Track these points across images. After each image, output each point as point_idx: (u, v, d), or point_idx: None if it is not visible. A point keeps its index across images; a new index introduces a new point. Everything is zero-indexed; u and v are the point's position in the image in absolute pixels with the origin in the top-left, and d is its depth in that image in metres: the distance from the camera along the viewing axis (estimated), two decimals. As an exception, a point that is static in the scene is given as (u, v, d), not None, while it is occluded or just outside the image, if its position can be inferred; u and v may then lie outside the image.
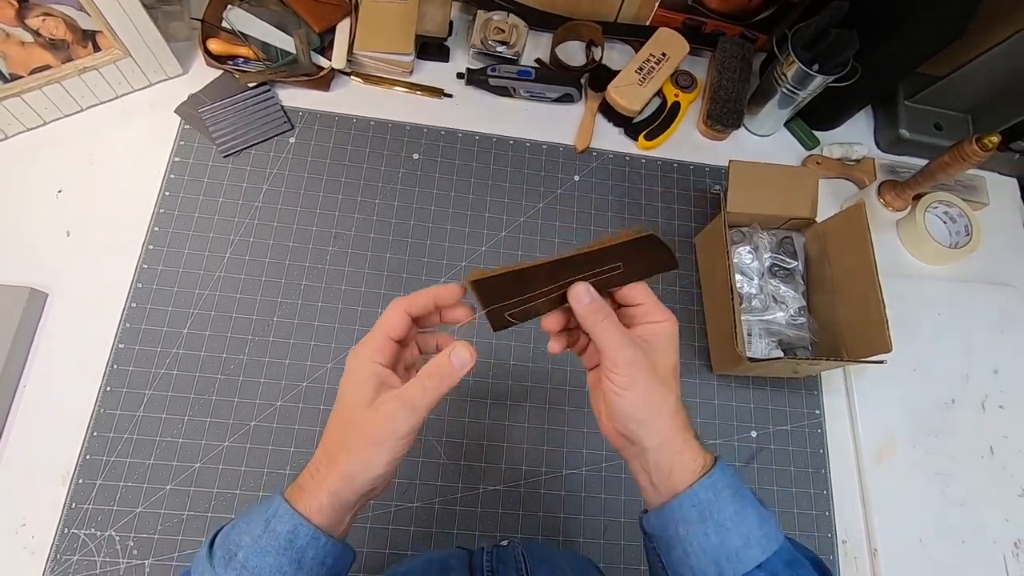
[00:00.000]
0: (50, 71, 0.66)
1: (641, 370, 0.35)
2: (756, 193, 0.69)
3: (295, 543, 0.32)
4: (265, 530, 0.32)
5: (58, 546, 0.56)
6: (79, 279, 0.64)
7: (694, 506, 0.34)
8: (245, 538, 0.32)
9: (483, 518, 0.62)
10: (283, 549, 0.31)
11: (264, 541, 0.32)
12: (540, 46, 0.84)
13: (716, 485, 0.34)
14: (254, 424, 0.62)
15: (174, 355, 0.63)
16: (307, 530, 0.32)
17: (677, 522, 0.34)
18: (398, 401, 0.33)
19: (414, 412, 0.33)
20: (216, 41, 0.73)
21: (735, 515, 0.33)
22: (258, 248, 0.68)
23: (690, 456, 0.35)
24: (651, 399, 0.35)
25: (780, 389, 0.72)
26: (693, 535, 0.33)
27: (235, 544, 0.32)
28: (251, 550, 0.31)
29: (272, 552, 0.31)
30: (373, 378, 0.34)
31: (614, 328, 0.35)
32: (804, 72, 0.71)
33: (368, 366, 0.34)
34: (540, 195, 0.76)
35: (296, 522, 0.32)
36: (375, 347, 0.35)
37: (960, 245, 0.80)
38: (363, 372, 0.34)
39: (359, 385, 0.34)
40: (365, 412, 0.33)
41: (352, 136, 0.75)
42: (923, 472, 0.71)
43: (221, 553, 0.32)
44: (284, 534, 0.32)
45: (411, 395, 0.34)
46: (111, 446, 0.59)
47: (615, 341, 0.35)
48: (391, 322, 0.35)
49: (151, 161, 0.70)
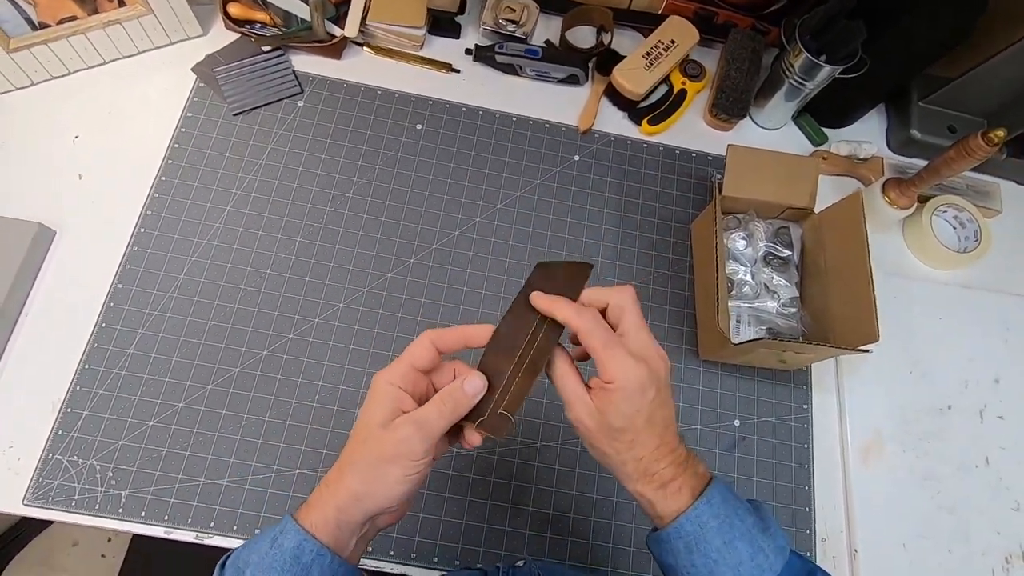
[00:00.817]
0: (77, 22, 0.69)
1: (591, 430, 0.36)
2: (754, 179, 0.69)
3: (300, 559, 0.32)
4: (272, 547, 0.32)
5: (41, 469, 0.58)
6: (86, 220, 0.67)
7: (680, 538, 0.35)
8: (253, 556, 0.32)
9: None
10: (288, 565, 0.32)
11: (270, 558, 0.32)
12: (551, 28, 0.85)
13: (701, 518, 0.34)
14: (238, 370, 0.64)
15: (168, 298, 0.65)
16: (312, 546, 0.32)
17: (667, 552, 0.36)
18: (411, 423, 0.34)
19: (426, 434, 0.34)
20: (236, 5, 0.76)
21: (723, 547, 0.34)
22: (257, 203, 0.70)
23: (648, 507, 0.36)
24: (602, 454, 0.37)
25: (768, 381, 0.71)
26: (682, 565, 0.35)
27: (244, 562, 0.33)
28: (258, 567, 0.32)
29: (277, 568, 0.32)
30: (391, 401, 0.35)
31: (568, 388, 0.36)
32: (811, 62, 0.71)
33: (387, 389, 0.35)
34: (538, 172, 0.77)
35: (301, 538, 0.32)
36: (398, 373, 0.35)
37: (968, 250, 0.78)
38: (381, 395, 0.35)
39: (376, 407, 0.35)
40: (379, 432, 0.34)
41: (358, 103, 0.77)
42: (912, 476, 0.69)
43: (231, 571, 0.33)
44: (290, 550, 0.32)
45: (423, 418, 0.34)
46: (101, 379, 0.61)
47: (568, 400, 0.36)
48: (418, 353, 0.36)
49: (164, 115, 0.73)
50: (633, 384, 0.34)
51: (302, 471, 0.61)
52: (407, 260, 0.70)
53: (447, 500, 0.62)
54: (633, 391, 0.34)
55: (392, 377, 0.35)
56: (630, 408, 0.34)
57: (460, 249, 0.72)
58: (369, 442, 0.34)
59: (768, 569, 0.33)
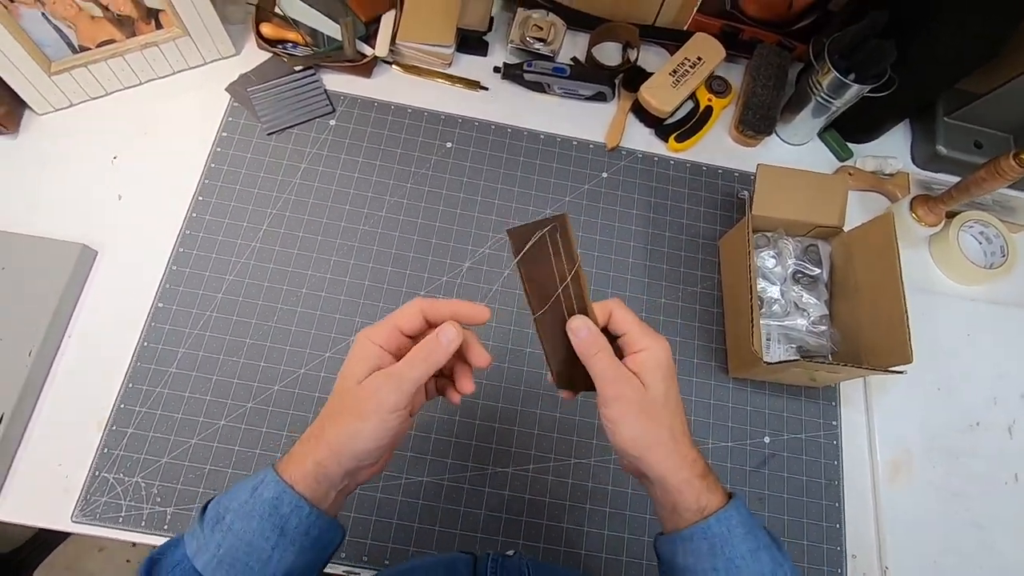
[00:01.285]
0: (115, 45, 0.70)
1: (629, 405, 0.35)
2: (783, 198, 0.69)
3: (279, 510, 0.33)
4: (251, 496, 0.33)
5: (89, 487, 0.59)
6: (127, 240, 0.68)
7: (706, 538, 0.34)
8: (233, 503, 0.33)
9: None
10: (267, 515, 0.32)
11: (250, 506, 0.33)
12: (577, 46, 0.86)
13: (730, 521, 0.34)
14: (277, 389, 0.65)
15: (207, 317, 0.66)
16: (291, 498, 0.33)
17: (687, 552, 0.35)
18: (384, 375, 0.34)
19: (399, 385, 0.34)
20: (268, 25, 0.77)
21: (748, 555, 0.33)
22: (293, 223, 0.72)
23: (691, 496, 0.35)
24: (641, 434, 0.35)
25: (797, 398, 0.71)
26: (702, 568, 0.34)
27: (224, 508, 0.33)
28: (237, 514, 0.33)
29: (256, 517, 0.32)
30: (370, 358, 0.35)
31: (605, 363, 0.35)
32: (840, 81, 0.71)
33: (368, 346, 0.35)
34: (567, 189, 0.78)
35: (280, 489, 0.33)
36: (380, 332, 0.36)
37: (995, 266, 0.78)
38: (362, 352, 0.36)
39: (356, 363, 0.35)
40: (354, 386, 0.35)
41: (389, 122, 0.78)
42: (940, 493, 0.69)
43: (211, 515, 0.33)
44: (269, 500, 0.33)
45: (397, 369, 0.35)
46: (144, 398, 0.63)
47: (604, 375, 0.35)
48: (404, 315, 0.36)
49: (201, 134, 0.74)
50: (665, 350, 0.36)
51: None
52: (440, 279, 0.71)
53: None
54: (665, 355, 0.36)
55: (375, 336, 0.35)
56: (667, 374, 0.36)
57: (491, 267, 0.73)
58: (345, 397, 0.35)
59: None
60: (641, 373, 0.35)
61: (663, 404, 0.35)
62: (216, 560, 0.32)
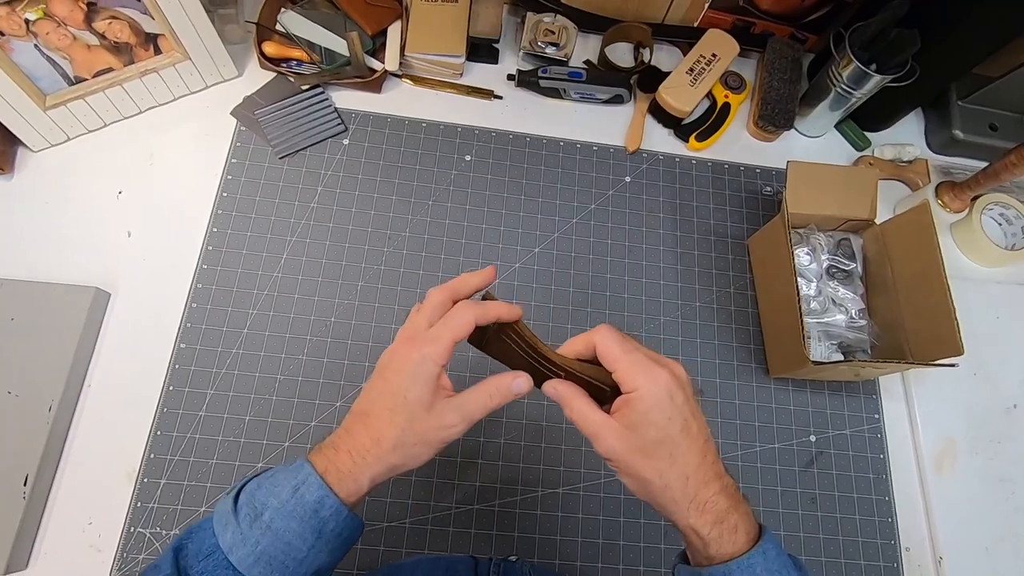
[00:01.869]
0: (113, 74, 0.67)
1: (625, 455, 0.33)
2: (815, 194, 0.69)
3: (319, 513, 0.32)
4: (293, 495, 0.32)
5: (124, 545, 0.56)
6: (141, 279, 0.65)
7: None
8: (272, 500, 0.32)
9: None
10: (307, 517, 0.32)
11: (291, 506, 0.32)
12: (588, 48, 0.84)
13: (755, 569, 0.32)
14: (314, 425, 0.62)
15: (235, 355, 0.63)
16: (332, 502, 0.33)
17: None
18: (458, 414, 0.35)
19: (469, 421, 0.35)
20: (271, 44, 0.74)
21: None
22: (315, 249, 0.69)
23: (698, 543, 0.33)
24: (643, 482, 0.33)
25: (838, 393, 0.71)
26: None
27: (262, 504, 0.32)
28: (277, 512, 0.32)
29: (297, 518, 0.32)
30: (435, 380, 0.35)
31: (588, 420, 0.34)
32: (861, 72, 0.71)
33: (433, 368, 0.35)
34: (592, 196, 0.76)
35: (323, 493, 0.33)
36: (443, 352, 0.35)
37: (1017, 247, 0.78)
38: (427, 372, 0.35)
39: (422, 385, 0.35)
40: (425, 415, 0.35)
41: (404, 137, 0.75)
42: (986, 479, 0.69)
43: (247, 511, 0.32)
44: (311, 503, 0.32)
45: (470, 410, 0.35)
46: (175, 445, 0.60)
47: (586, 431, 0.34)
48: (464, 333, 0.35)
49: (209, 162, 0.70)
50: (661, 387, 0.33)
51: (389, 523, 0.60)
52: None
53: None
54: (661, 395, 0.33)
55: (437, 356, 0.35)
56: (661, 416, 0.33)
57: (523, 282, 0.71)
58: (415, 423, 0.34)
59: None
60: (630, 418, 0.33)
61: (656, 448, 0.33)
62: (253, 557, 0.31)
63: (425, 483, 0.61)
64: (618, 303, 0.71)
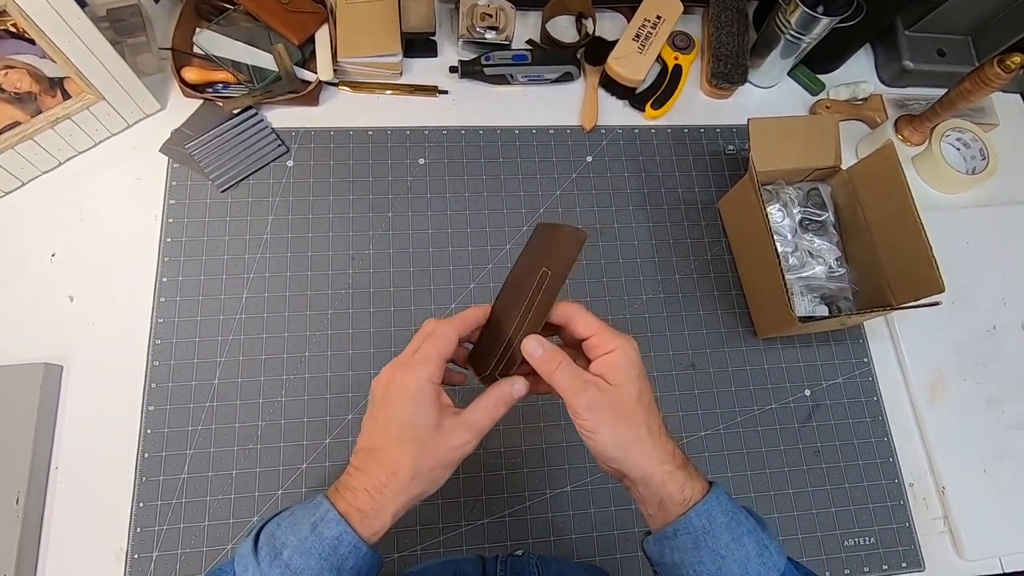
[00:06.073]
0: (20, 127, 0.61)
1: (603, 411, 0.35)
2: (779, 148, 0.67)
3: (338, 550, 0.32)
4: (311, 533, 0.32)
5: (126, 627, 0.53)
6: (93, 345, 0.60)
7: (688, 533, 0.34)
8: (291, 538, 0.33)
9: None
10: (326, 555, 0.32)
11: (309, 543, 0.32)
12: (529, 26, 0.80)
13: (711, 512, 0.34)
14: (305, 467, 0.60)
15: (208, 408, 0.60)
16: (351, 539, 0.33)
17: (673, 549, 0.35)
18: (467, 429, 0.36)
19: (480, 434, 0.36)
20: (191, 69, 0.68)
21: (732, 543, 0.34)
22: (276, 283, 0.65)
23: (675, 488, 0.35)
24: (619, 438, 0.35)
25: (826, 344, 0.71)
26: (689, 563, 0.34)
27: (281, 543, 0.32)
28: (296, 551, 0.32)
29: (315, 555, 0.32)
30: (434, 398, 0.35)
31: (568, 375, 0.36)
32: (809, 16, 0.69)
33: (429, 387, 0.35)
34: (556, 182, 0.73)
35: (342, 529, 0.33)
36: (434, 369, 0.35)
37: (978, 171, 0.79)
38: (427, 393, 0.35)
39: (426, 407, 0.35)
40: (435, 436, 0.35)
41: (352, 150, 0.71)
42: (976, 403, 0.71)
43: (267, 550, 0.32)
44: (330, 540, 0.32)
45: (479, 425, 0.36)
46: (161, 514, 0.56)
47: (570, 387, 0.35)
48: (448, 348, 0.36)
49: (145, 208, 0.66)
50: (634, 347, 0.36)
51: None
52: (448, 305, 0.67)
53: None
54: (634, 354, 0.36)
55: (433, 375, 0.35)
56: (638, 369, 0.36)
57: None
58: (427, 447, 0.35)
59: (774, 568, 0.34)
60: (612, 373, 0.36)
61: (637, 401, 0.35)
62: None
63: (431, 506, 0.60)
64: (598, 288, 0.70)
